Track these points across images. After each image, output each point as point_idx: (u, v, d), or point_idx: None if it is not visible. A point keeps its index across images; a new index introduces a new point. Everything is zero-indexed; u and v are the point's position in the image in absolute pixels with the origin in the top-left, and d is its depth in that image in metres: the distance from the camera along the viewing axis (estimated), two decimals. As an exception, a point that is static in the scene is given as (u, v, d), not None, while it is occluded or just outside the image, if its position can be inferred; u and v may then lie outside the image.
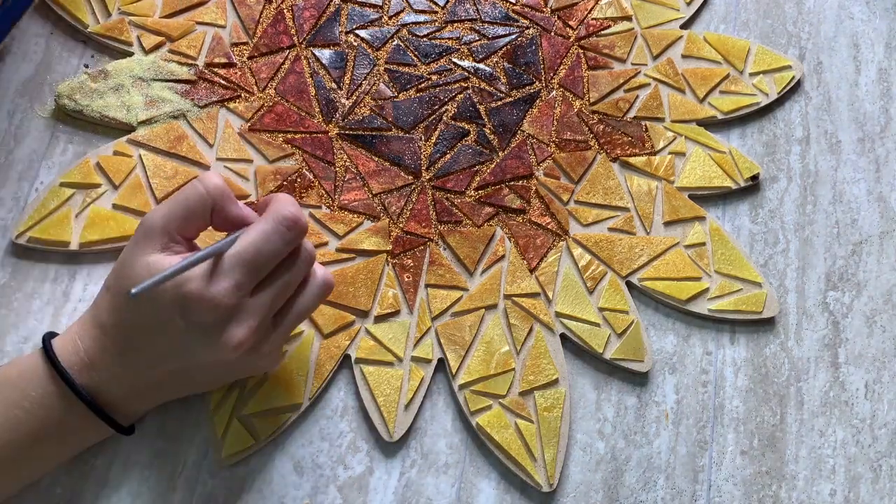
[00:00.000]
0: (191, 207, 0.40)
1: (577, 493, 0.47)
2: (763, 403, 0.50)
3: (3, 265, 0.48)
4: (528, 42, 0.57)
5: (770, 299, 0.51)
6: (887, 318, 0.53)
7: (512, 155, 0.54)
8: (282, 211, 0.40)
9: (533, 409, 0.48)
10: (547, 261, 0.51)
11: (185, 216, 0.40)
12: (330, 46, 0.55)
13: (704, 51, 0.58)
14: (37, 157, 0.51)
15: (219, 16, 0.55)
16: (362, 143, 0.53)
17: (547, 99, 0.55)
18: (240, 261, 0.39)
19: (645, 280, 0.51)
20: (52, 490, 0.44)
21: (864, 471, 0.49)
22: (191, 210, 0.40)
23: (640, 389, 0.50)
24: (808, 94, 0.58)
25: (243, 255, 0.39)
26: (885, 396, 0.51)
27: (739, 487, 0.48)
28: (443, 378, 0.49)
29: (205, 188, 0.40)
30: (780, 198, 0.55)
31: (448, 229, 0.51)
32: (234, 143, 0.52)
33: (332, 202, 0.51)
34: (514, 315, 0.50)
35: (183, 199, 0.40)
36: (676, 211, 0.53)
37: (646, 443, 0.48)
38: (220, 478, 0.45)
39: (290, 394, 0.47)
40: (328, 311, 0.49)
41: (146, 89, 0.52)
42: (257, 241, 0.39)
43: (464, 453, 0.47)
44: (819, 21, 0.61)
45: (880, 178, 0.56)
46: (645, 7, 0.59)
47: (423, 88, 0.55)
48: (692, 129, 0.56)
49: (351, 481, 0.46)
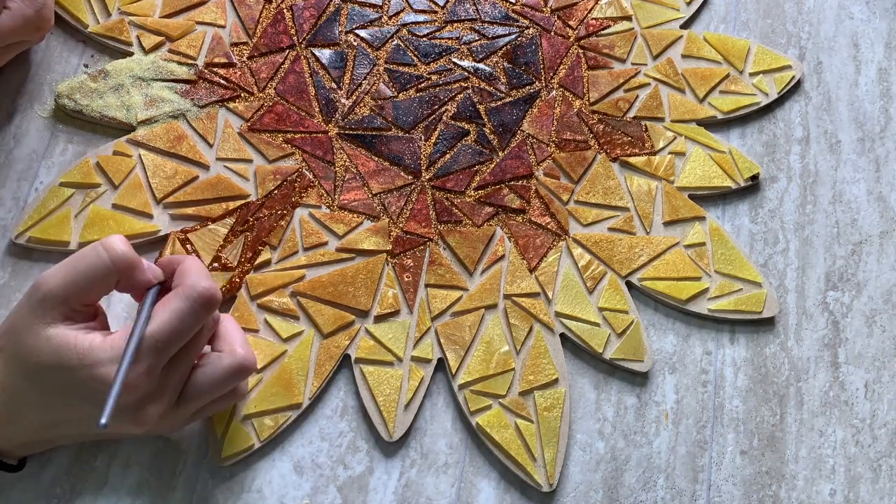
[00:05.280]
0: (93, 279, 0.38)
1: (576, 493, 0.47)
2: (763, 403, 0.50)
3: (3, 265, 0.48)
4: (528, 42, 0.57)
5: (770, 299, 0.51)
6: (887, 318, 0.53)
7: (512, 155, 0.54)
8: (196, 287, 0.38)
9: (533, 408, 0.48)
10: (547, 261, 0.51)
11: (87, 287, 0.38)
12: (330, 46, 0.55)
13: (704, 51, 0.58)
14: (36, 157, 0.51)
15: (219, 16, 0.55)
16: (362, 143, 0.53)
17: (547, 99, 0.55)
18: (155, 344, 0.37)
19: (645, 280, 0.51)
20: (52, 490, 0.44)
21: (864, 471, 0.49)
22: (93, 281, 0.38)
23: (640, 389, 0.50)
24: (808, 94, 0.58)
25: (158, 337, 0.37)
26: (884, 396, 0.51)
27: (739, 487, 0.48)
28: (443, 378, 0.49)
29: (110, 259, 0.38)
30: (780, 198, 0.55)
31: (448, 229, 0.51)
32: (234, 142, 0.52)
33: (332, 202, 0.51)
34: (513, 315, 0.50)
35: (85, 268, 0.38)
36: (676, 211, 0.53)
37: (646, 443, 0.48)
38: (220, 478, 0.45)
39: (290, 394, 0.47)
40: (328, 311, 0.49)
41: (146, 89, 0.52)
42: (173, 321, 0.38)
43: (464, 453, 0.47)
44: (819, 21, 0.61)
45: (880, 178, 0.56)
46: (645, 7, 0.59)
47: (422, 88, 0.55)
48: (692, 128, 0.56)
49: (351, 481, 0.46)
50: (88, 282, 0.38)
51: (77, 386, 0.37)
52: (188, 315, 0.38)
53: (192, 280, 0.39)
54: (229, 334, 0.42)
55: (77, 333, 0.38)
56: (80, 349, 0.37)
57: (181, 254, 0.48)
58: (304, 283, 0.49)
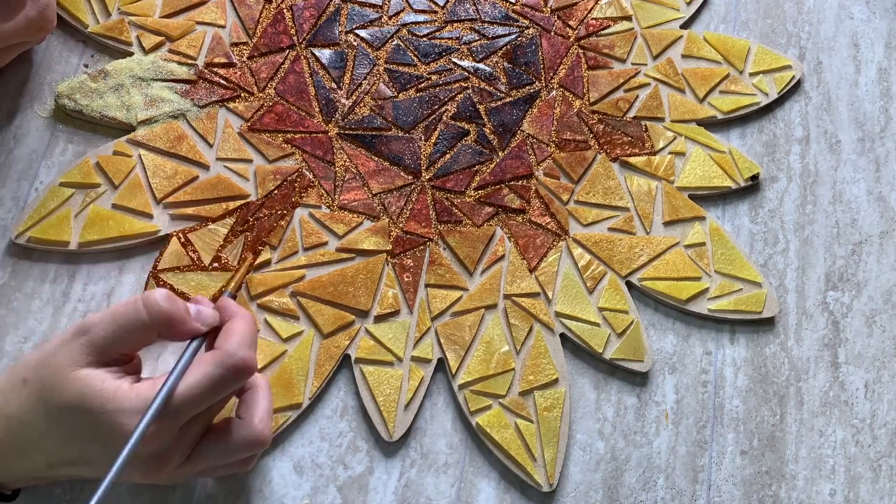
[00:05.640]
0: (132, 333, 0.38)
1: (576, 493, 0.47)
2: (763, 403, 0.50)
3: (3, 265, 0.48)
4: (528, 42, 0.57)
5: (770, 299, 0.51)
6: (887, 318, 0.53)
7: (512, 155, 0.54)
8: (234, 356, 0.38)
9: (533, 408, 0.48)
10: (547, 261, 0.51)
11: (126, 340, 0.38)
12: (330, 46, 0.55)
13: (704, 51, 0.58)
14: (36, 157, 0.51)
15: (219, 16, 0.55)
16: (362, 143, 0.53)
17: (547, 99, 0.55)
18: (181, 405, 0.37)
19: (645, 280, 0.51)
20: (52, 490, 0.44)
21: (864, 471, 0.49)
22: (132, 335, 0.38)
23: (640, 389, 0.50)
24: (807, 94, 0.58)
25: (185, 399, 0.37)
26: (884, 396, 0.51)
27: (739, 487, 0.48)
28: (443, 378, 0.49)
29: (148, 316, 0.38)
30: (780, 198, 0.55)
31: (448, 229, 0.51)
32: (234, 142, 0.52)
33: (332, 202, 0.51)
34: (513, 315, 0.50)
35: (125, 322, 0.38)
36: (676, 211, 0.53)
37: (646, 443, 0.48)
38: (219, 478, 0.45)
39: (290, 394, 0.47)
40: (328, 311, 0.49)
41: (146, 89, 0.52)
42: (203, 386, 0.37)
43: (463, 453, 0.47)
44: (819, 21, 0.61)
45: (880, 178, 0.56)
46: (645, 7, 0.59)
47: (422, 88, 0.55)
48: (692, 128, 0.56)
49: (351, 481, 0.46)
50: (128, 335, 0.38)
51: (95, 429, 0.37)
52: (219, 383, 0.38)
53: (231, 347, 0.38)
54: (256, 404, 0.41)
55: (106, 377, 0.37)
56: (106, 393, 0.36)
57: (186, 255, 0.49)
58: (304, 283, 0.49)
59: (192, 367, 0.38)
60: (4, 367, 0.46)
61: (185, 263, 0.48)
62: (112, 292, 0.48)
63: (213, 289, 0.48)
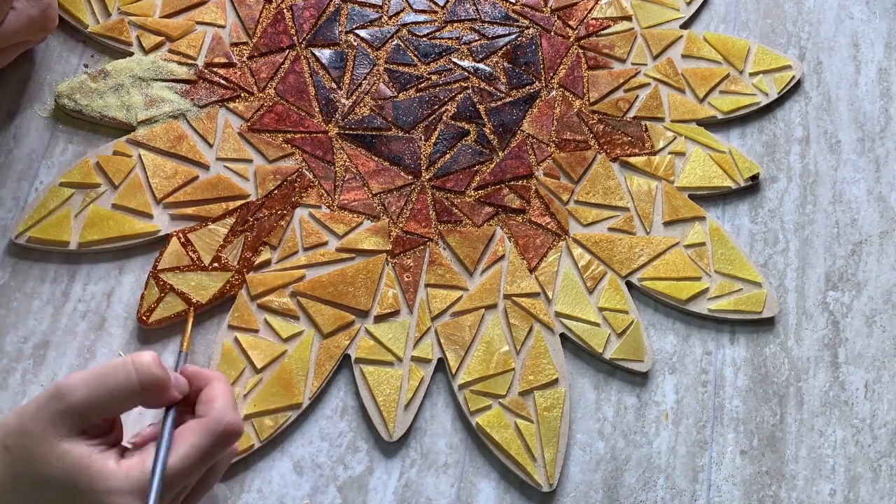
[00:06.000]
0: (119, 398, 0.37)
1: (576, 493, 0.47)
2: (763, 403, 0.50)
3: (3, 265, 0.48)
4: (528, 42, 0.57)
5: (770, 299, 0.51)
6: (887, 318, 0.53)
7: (512, 155, 0.54)
8: (221, 422, 0.38)
9: (533, 408, 0.48)
10: (547, 261, 0.51)
11: (111, 405, 0.37)
12: (330, 46, 0.55)
13: (704, 51, 0.58)
14: (36, 157, 0.51)
15: (219, 16, 0.55)
16: (362, 143, 0.53)
17: (547, 99, 0.55)
18: (176, 478, 0.37)
19: (645, 280, 0.51)
20: (51, 490, 0.44)
21: (864, 471, 0.49)
22: (119, 400, 0.37)
23: (640, 389, 0.50)
24: (807, 94, 0.58)
25: (179, 472, 0.37)
26: (884, 396, 0.51)
27: (739, 487, 0.48)
28: (443, 378, 0.49)
29: (139, 381, 0.37)
30: (779, 198, 0.55)
31: (448, 229, 0.51)
32: (234, 142, 0.52)
33: (332, 202, 0.51)
34: (513, 315, 0.50)
35: (113, 386, 0.36)
36: (676, 211, 0.53)
37: (646, 443, 0.48)
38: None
39: (290, 394, 0.47)
40: (328, 311, 0.49)
41: (146, 89, 0.52)
42: (193, 457, 0.37)
43: (463, 453, 0.47)
44: (819, 21, 0.61)
45: (880, 178, 0.56)
46: (645, 7, 0.59)
47: (422, 88, 0.55)
48: (692, 128, 0.56)
49: (351, 481, 0.46)
50: (114, 400, 0.37)
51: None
52: (208, 453, 0.38)
53: (217, 413, 0.38)
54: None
55: (92, 452, 0.36)
56: (93, 473, 0.36)
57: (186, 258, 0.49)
58: (304, 283, 0.49)
59: (179, 438, 0.37)
60: (4, 366, 0.46)
61: (185, 263, 0.48)
62: (112, 292, 0.48)
63: (214, 289, 0.48)
